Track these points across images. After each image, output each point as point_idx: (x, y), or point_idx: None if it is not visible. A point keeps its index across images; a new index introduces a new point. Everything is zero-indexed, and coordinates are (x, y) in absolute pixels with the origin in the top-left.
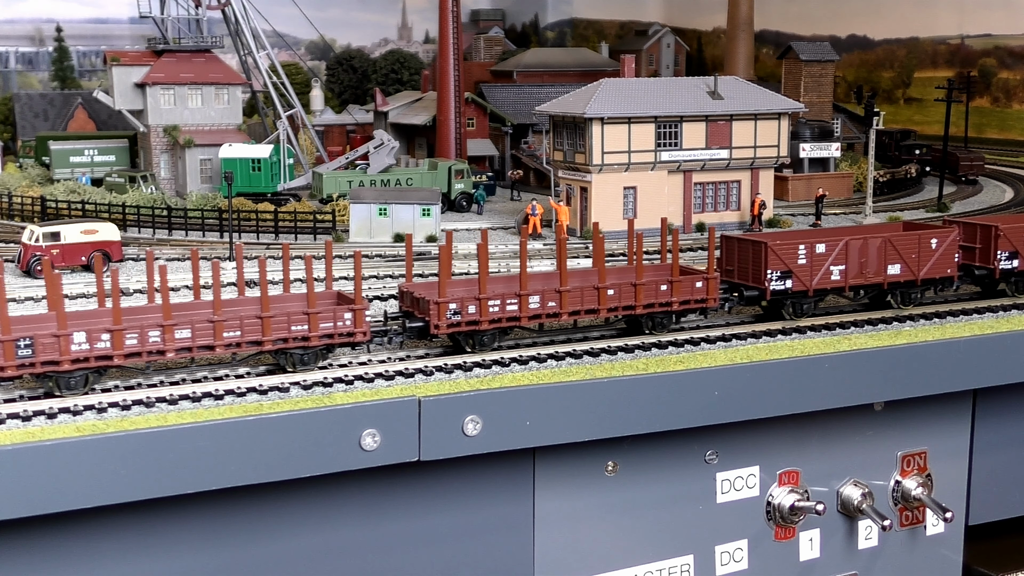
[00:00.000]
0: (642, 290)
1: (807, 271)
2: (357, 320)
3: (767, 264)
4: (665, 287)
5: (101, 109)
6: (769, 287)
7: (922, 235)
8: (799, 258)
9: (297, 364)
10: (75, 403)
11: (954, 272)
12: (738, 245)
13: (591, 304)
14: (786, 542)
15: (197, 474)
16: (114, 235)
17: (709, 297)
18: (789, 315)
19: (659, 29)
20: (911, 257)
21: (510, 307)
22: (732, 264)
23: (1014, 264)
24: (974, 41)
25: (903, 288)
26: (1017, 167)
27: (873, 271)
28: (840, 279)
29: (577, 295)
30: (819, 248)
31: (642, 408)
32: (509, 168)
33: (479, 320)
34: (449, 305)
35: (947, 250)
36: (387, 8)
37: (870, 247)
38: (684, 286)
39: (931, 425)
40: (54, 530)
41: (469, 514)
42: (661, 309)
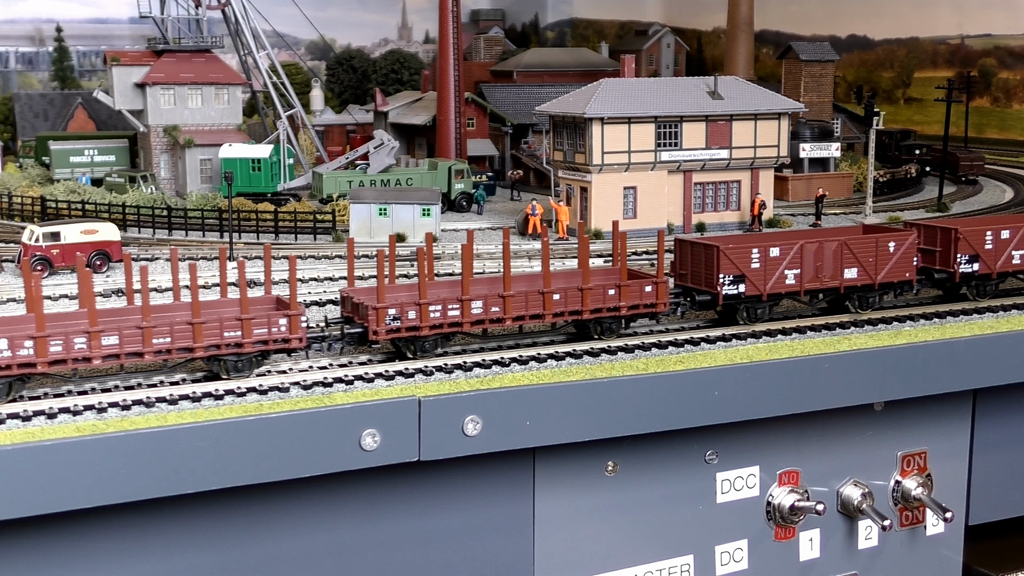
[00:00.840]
0: (589, 295)
1: (761, 275)
2: (292, 326)
3: (719, 268)
4: (613, 291)
5: (101, 109)
6: (721, 291)
7: (879, 238)
8: (752, 262)
9: (231, 371)
10: (75, 403)
11: (912, 276)
12: (691, 249)
13: (536, 309)
14: (786, 542)
15: (197, 474)
16: (114, 235)
17: (659, 302)
18: (743, 320)
19: (659, 29)
20: (868, 261)
21: (452, 312)
22: (686, 268)
23: (974, 268)
24: (974, 41)
25: (861, 292)
26: (1017, 167)
27: (829, 275)
28: (795, 283)
29: (521, 300)
30: (773, 252)
31: (642, 408)
32: (509, 168)
33: (419, 326)
34: (388, 311)
35: (905, 253)
36: (387, 8)
37: (826, 251)
38: (633, 290)
39: (931, 425)
40: (54, 530)
41: (469, 514)
42: (609, 314)
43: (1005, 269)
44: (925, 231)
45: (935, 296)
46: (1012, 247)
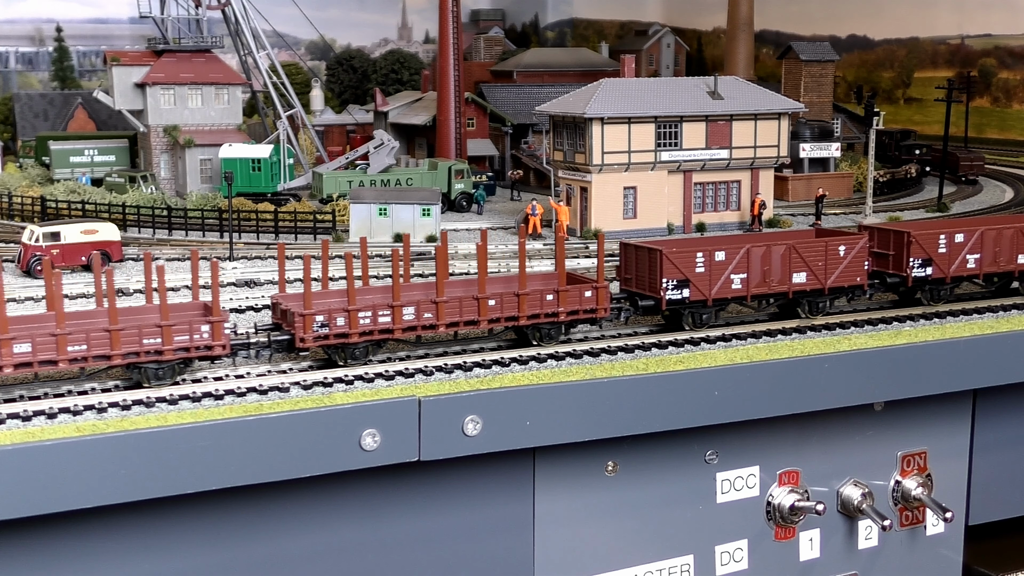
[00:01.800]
0: (525, 300)
1: (705, 280)
2: (215, 333)
3: (662, 272)
4: (551, 297)
5: (101, 109)
6: (664, 296)
7: (829, 242)
8: (697, 266)
9: (152, 379)
10: (75, 403)
11: (864, 280)
12: (635, 252)
13: (471, 315)
14: (786, 542)
15: (197, 474)
16: (114, 235)
17: (599, 307)
18: (689, 326)
19: (659, 29)
20: (818, 265)
21: (382, 319)
22: (630, 272)
23: (927, 272)
24: (974, 41)
25: (810, 297)
26: (1017, 167)
27: (777, 280)
28: (742, 288)
29: (455, 306)
30: (718, 256)
31: (642, 408)
32: (509, 168)
33: (349, 333)
34: (316, 317)
35: (856, 258)
36: (387, 8)
37: (773, 255)
38: (571, 296)
39: (931, 425)
40: (54, 530)
41: (469, 514)
42: (547, 320)
43: (959, 273)
44: (878, 235)
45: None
46: (967, 251)
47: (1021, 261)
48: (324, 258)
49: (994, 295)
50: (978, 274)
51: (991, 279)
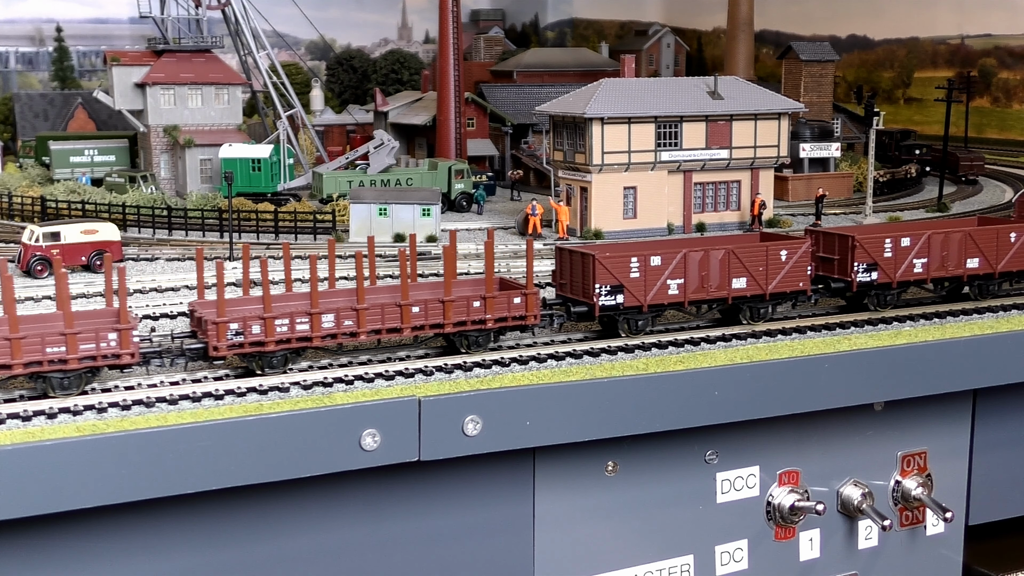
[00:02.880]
0: (451, 307)
1: (640, 285)
2: (123, 341)
3: (595, 278)
4: (478, 304)
5: (101, 109)
6: (598, 303)
7: (770, 247)
8: (631, 271)
9: (57, 388)
10: (75, 403)
11: (807, 286)
12: (569, 257)
13: (393, 322)
14: (786, 542)
15: (197, 474)
16: (114, 235)
17: (528, 314)
18: (625, 332)
19: (659, 29)
20: (758, 270)
21: (300, 326)
22: (565, 277)
23: (873, 276)
24: (974, 41)
25: (751, 303)
26: (1017, 167)
27: (716, 285)
28: (679, 293)
29: (377, 313)
30: (654, 261)
31: (642, 408)
32: (509, 168)
33: (264, 341)
34: (230, 325)
35: (798, 262)
36: (387, 8)
37: (711, 260)
38: (500, 302)
39: (931, 425)
40: (54, 530)
41: (469, 514)
42: (475, 327)
43: (906, 278)
44: (824, 239)
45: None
46: (913, 255)
47: (970, 266)
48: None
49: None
50: (925, 279)
51: (940, 284)
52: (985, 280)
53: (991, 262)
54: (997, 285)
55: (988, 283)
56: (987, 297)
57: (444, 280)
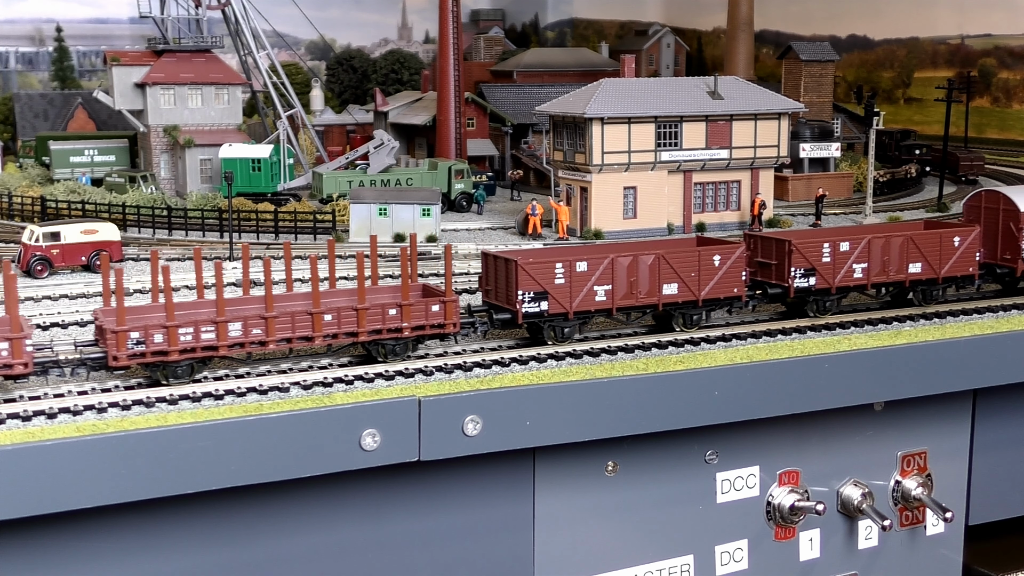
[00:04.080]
0: (365, 315)
1: (565, 292)
2: (15, 350)
3: (518, 284)
4: (395, 311)
5: (101, 109)
6: (521, 309)
7: (702, 252)
8: (556, 277)
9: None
10: (75, 403)
11: (741, 291)
12: (494, 262)
13: (305, 331)
14: (786, 542)
15: (197, 474)
16: (114, 235)
17: (448, 322)
18: (551, 340)
19: (659, 29)
20: (690, 276)
21: (206, 335)
22: (490, 283)
23: (810, 282)
24: (974, 41)
25: (683, 309)
26: (1017, 167)
27: (645, 291)
28: (606, 300)
29: (287, 321)
30: (580, 266)
31: (642, 408)
32: (509, 168)
33: (167, 350)
34: (130, 334)
35: (732, 268)
36: (387, 8)
37: (640, 265)
38: (417, 310)
39: (931, 425)
40: (54, 530)
41: (469, 514)
42: (391, 336)
43: (846, 283)
44: (761, 243)
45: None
46: (853, 260)
47: (913, 271)
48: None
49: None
50: (866, 284)
51: (881, 289)
52: (929, 285)
53: (934, 267)
54: (941, 290)
55: (932, 288)
56: (931, 303)
57: (357, 287)
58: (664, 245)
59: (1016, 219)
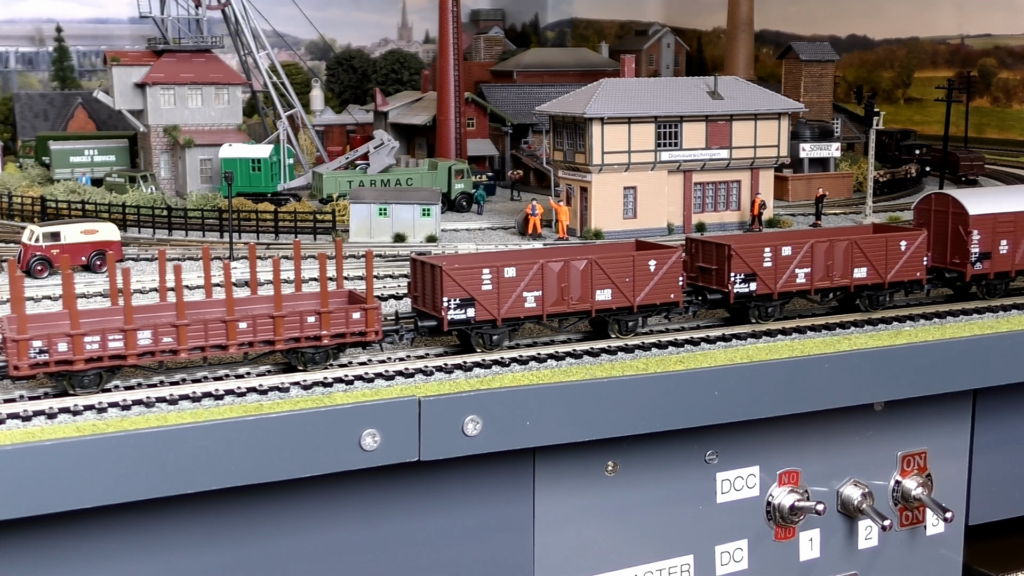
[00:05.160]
0: (282, 323)
1: (493, 298)
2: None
3: (443, 290)
4: (314, 319)
5: (101, 109)
6: (446, 316)
7: (637, 256)
8: (483, 284)
9: None
10: (75, 403)
11: (678, 297)
12: (420, 268)
13: (219, 339)
14: (786, 542)
15: (197, 474)
16: (114, 235)
17: (369, 329)
18: (481, 348)
19: (659, 29)
20: (624, 281)
21: (113, 344)
22: (418, 289)
23: (751, 288)
24: (974, 41)
25: (617, 315)
26: (1017, 167)
27: (577, 297)
28: (536, 307)
29: (200, 329)
30: (508, 272)
31: (642, 408)
32: (509, 168)
33: (72, 359)
34: (32, 343)
35: (669, 272)
36: (387, 8)
37: (571, 271)
38: (337, 318)
39: (931, 425)
40: (54, 530)
41: (469, 514)
42: (309, 344)
43: (788, 289)
44: (702, 248)
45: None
46: (795, 265)
47: (858, 275)
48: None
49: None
50: (809, 289)
51: (826, 294)
52: (875, 290)
53: (880, 272)
54: (888, 296)
55: (878, 293)
56: (878, 308)
57: (274, 293)
58: (598, 250)
59: (965, 222)
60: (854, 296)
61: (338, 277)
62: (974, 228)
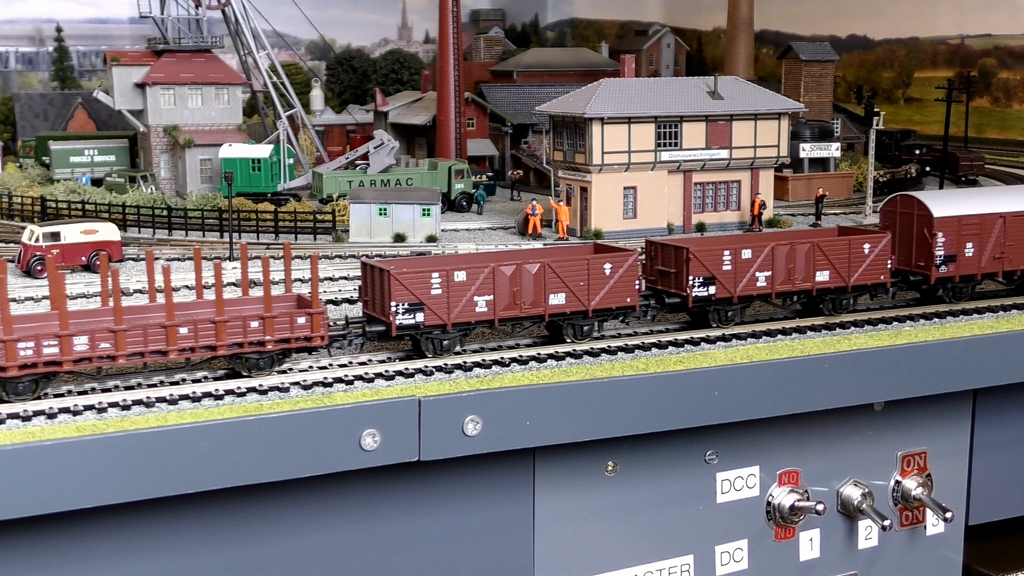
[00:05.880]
0: (224, 328)
1: (442, 303)
2: None
3: (391, 295)
4: (257, 324)
5: (101, 109)
6: (394, 321)
7: (592, 259)
8: (432, 288)
9: None
10: (75, 403)
11: (635, 300)
12: (371, 272)
13: (158, 345)
14: (786, 542)
15: (197, 474)
16: (114, 235)
17: (315, 335)
18: (431, 353)
19: (659, 29)
20: (579, 285)
21: (48, 349)
22: (368, 293)
23: (710, 291)
24: (974, 41)
25: (572, 320)
26: (1017, 167)
27: (530, 301)
28: (487, 311)
29: (139, 335)
30: (458, 276)
31: (642, 408)
32: (509, 168)
33: (5, 366)
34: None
35: (625, 276)
36: (387, 8)
37: (524, 275)
38: (281, 323)
39: (931, 425)
40: (54, 530)
41: (469, 514)
42: (253, 350)
43: (748, 292)
44: (662, 250)
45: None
46: (755, 268)
47: (820, 279)
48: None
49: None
50: (770, 293)
51: (788, 298)
52: (838, 294)
53: (843, 275)
54: (852, 299)
55: (842, 297)
56: (841, 312)
57: (216, 297)
58: (552, 253)
59: (930, 225)
60: (818, 300)
61: (286, 281)
62: (939, 230)
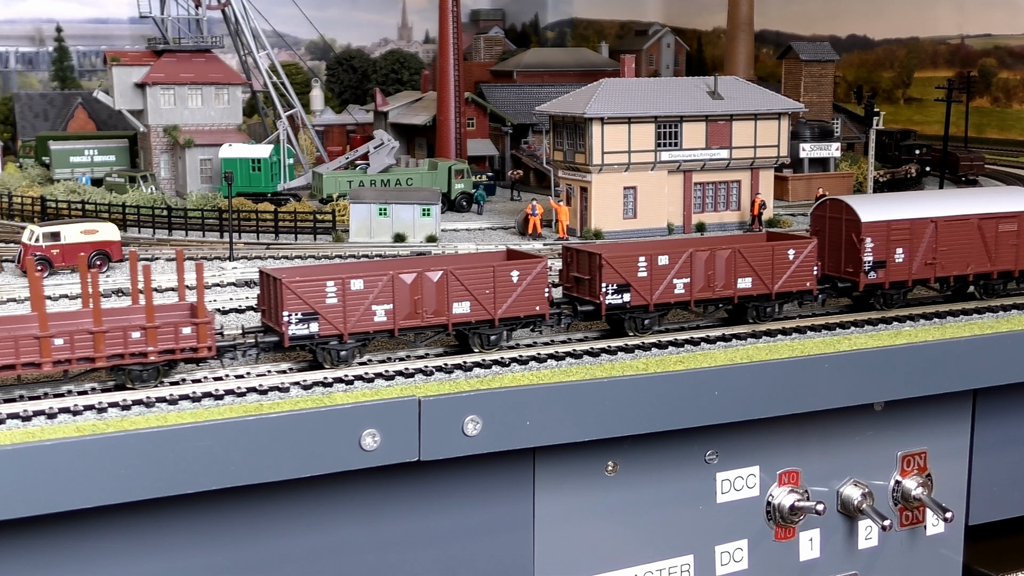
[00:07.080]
0: (102, 339)
1: (338, 312)
2: None
3: (283, 304)
4: (139, 334)
5: (101, 109)
6: (287, 332)
7: (497, 267)
8: (327, 297)
9: None
10: (75, 403)
11: (544, 309)
12: (267, 280)
13: (31, 356)
14: (786, 542)
15: (197, 474)
16: (114, 235)
17: (201, 345)
18: (329, 363)
19: (659, 29)
20: (484, 293)
21: None
22: (264, 302)
23: (624, 298)
24: (974, 41)
25: (476, 329)
26: (1017, 167)
27: (432, 310)
28: (387, 320)
29: (9, 346)
30: (355, 285)
31: (642, 408)
32: (509, 168)
33: None
34: None
35: (533, 284)
36: (387, 8)
37: (425, 283)
38: (164, 333)
39: (931, 425)
40: (54, 530)
41: (469, 514)
42: (135, 361)
43: (665, 300)
44: (576, 256)
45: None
46: (673, 275)
47: (742, 286)
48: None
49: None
50: (688, 301)
51: (708, 306)
52: (762, 301)
53: (766, 282)
54: (777, 307)
55: (765, 305)
56: (766, 320)
57: (93, 306)
58: (455, 260)
59: (857, 229)
60: (742, 307)
61: (179, 288)
62: (867, 235)
